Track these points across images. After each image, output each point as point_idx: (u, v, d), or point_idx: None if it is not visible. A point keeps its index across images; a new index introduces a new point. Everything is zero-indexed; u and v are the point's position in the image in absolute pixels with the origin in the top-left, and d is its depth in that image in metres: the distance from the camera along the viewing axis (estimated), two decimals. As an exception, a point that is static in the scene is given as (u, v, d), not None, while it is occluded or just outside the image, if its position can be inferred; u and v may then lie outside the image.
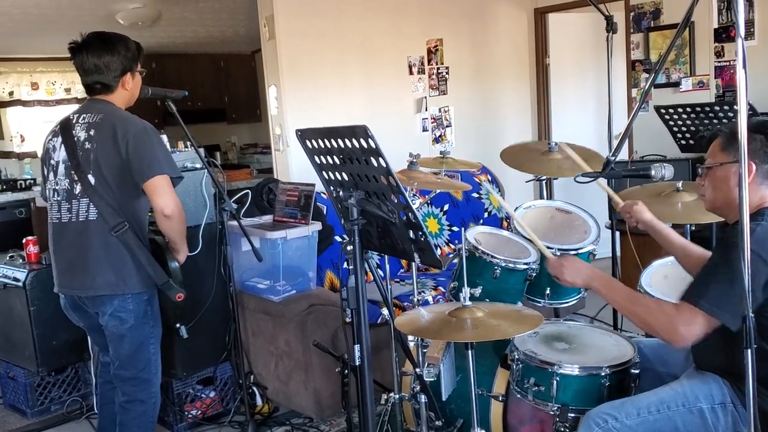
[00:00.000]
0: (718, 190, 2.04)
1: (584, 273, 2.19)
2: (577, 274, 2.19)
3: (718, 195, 2.04)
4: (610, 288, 2.14)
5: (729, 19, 4.93)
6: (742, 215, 1.66)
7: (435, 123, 5.57)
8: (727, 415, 1.97)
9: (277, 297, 3.41)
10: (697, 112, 3.42)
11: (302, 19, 4.80)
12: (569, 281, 2.21)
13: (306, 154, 2.09)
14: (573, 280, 2.19)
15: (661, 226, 2.52)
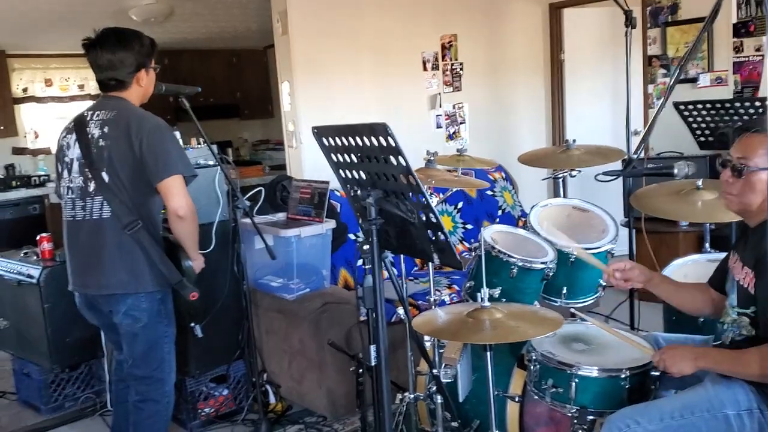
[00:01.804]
0: (757, 194, 1.95)
1: (688, 359, 2.04)
2: (682, 363, 2.05)
3: (756, 199, 1.96)
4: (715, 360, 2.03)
5: (748, 14, 4.87)
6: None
7: (449, 120, 5.53)
8: (753, 421, 1.92)
9: (291, 295, 3.39)
10: (717, 108, 3.37)
11: (315, 14, 4.77)
12: (675, 371, 2.05)
13: (322, 152, 2.06)
14: (680, 369, 2.04)
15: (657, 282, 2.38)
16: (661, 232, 4.43)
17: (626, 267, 2.34)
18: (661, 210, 2.90)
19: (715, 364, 2.01)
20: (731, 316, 2.07)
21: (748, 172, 1.94)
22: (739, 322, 2.03)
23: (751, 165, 1.94)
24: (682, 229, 4.56)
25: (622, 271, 2.33)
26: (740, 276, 2.02)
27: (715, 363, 2.02)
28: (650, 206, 2.94)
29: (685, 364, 2.03)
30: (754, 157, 1.94)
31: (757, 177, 1.93)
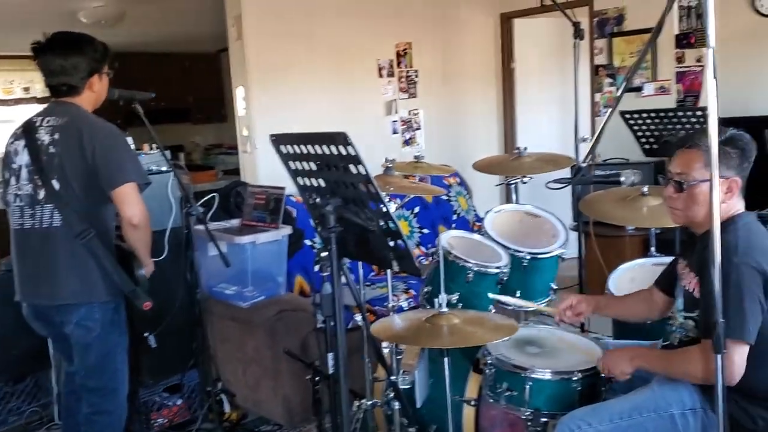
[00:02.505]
0: (702, 206, 2.00)
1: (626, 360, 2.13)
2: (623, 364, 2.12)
3: (701, 210, 2.01)
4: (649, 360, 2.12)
5: (689, 26, 5.05)
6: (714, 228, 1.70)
7: (405, 126, 5.57)
8: (697, 420, 2.00)
9: (246, 303, 3.36)
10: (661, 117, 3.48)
11: (271, 19, 4.76)
12: (619, 374, 2.13)
13: (280, 160, 2.06)
14: (622, 370, 2.12)
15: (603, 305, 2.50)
16: (608, 237, 4.54)
17: (573, 303, 2.44)
18: (608, 215, 2.99)
19: (649, 363, 2.10)
20: (679, 320, 2.15)
21: (689, 187, 2.01)
22: (686, 326, 2.11)
23: (690, 179, 2.01)
24: (628, 233, 4.69)
25: (572, 308, 2.44)
26: (687, 281, 2.10)
27: (649, 362, 2.11)
28: (598, 211, 3.03)
29: (624, 365, 2.12)
30: (692, 172, 2.00)
31: (698, 189, 1.99)
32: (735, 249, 1.89)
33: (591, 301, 2.46)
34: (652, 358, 2.12)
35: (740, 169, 2.00)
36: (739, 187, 2.00)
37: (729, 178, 1.98)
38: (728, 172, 1.97)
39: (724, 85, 4.82)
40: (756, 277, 1.87)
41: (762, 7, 4.68)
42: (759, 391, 1.95)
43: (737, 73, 4.67)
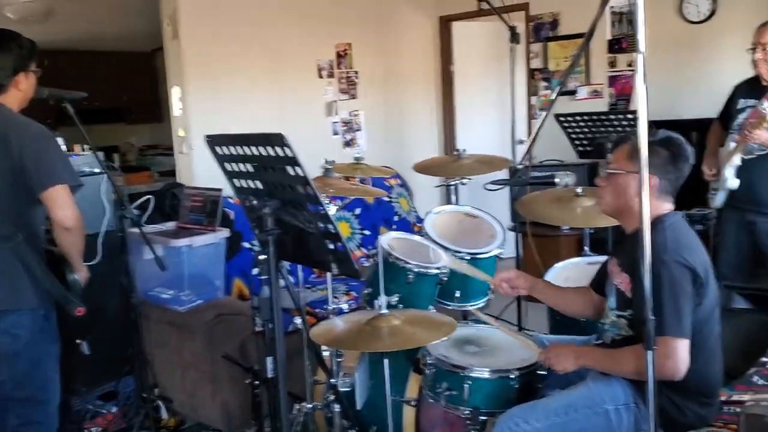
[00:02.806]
0: (619, 197, 2.13)
1: (571, 357, 2.17)
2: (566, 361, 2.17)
3: (617, 201, 2.14)
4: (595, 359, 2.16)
5: (621, 32, 5.20)
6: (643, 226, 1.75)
7: (346, 127, 5.57)
8: (630, 415, 2.06)
9: (183, 307, 3.30)
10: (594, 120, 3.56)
11: (208, 19, 4.68)
12: (560, 369, 2.17)
13: (216, 161, 2.03)
14: (564, 367, 2.16)
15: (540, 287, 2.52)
16: (544, 236, 4.64)
17: (512, 276, 2.48)
18: (544, 215, 3.06)
19: (594, 362, 2.15)
20: (611, 318, 2.21)
21: (612, 175, 2.13)
22: (618, 324, 2.17)
23: (613, 168, 2.13)
24: (563, 233, 4.79)
25: (508, 281, 2.47)
26: (618, 280, 2.17)
27: (594, 361, 2.15)
28: (534, 212, 3.10)
29: (568, 362, 2.16)
30: (617, 162, 2.13)
31: (619, 179, 2.11)
32: (664, 247, 1.96)
33: (529, 280, 2.48)
34: (598, 358, 2.15)
35: (664, 171, 2.06)
36: (657, 187, 2.06)
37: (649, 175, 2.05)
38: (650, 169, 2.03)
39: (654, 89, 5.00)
40: (686, 273, 1.94)
41: (689, 15, 4.87)
42: (688, 384, 2.01)
43: (666, 77, 4.84)
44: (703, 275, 1.98)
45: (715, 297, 2.05)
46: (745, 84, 3.57)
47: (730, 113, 3.57)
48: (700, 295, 1.98)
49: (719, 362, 2.12)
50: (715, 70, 4.75)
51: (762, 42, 3.32)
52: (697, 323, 1.98)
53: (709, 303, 2.01)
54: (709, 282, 2.00)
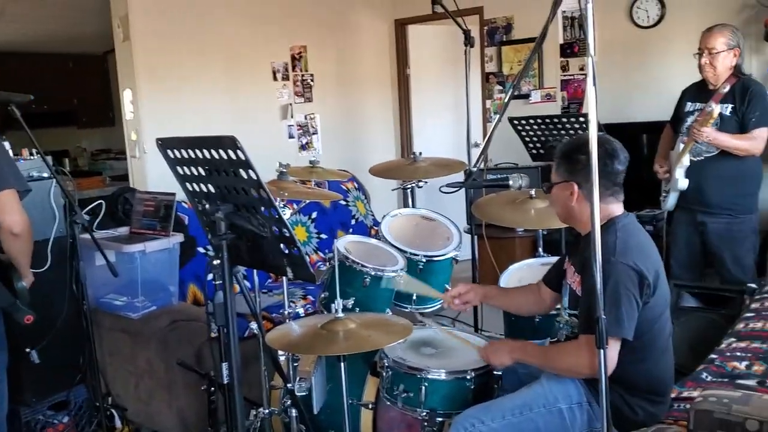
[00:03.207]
0: (558, 207, 2.20)
1: (505, 351, 2.22)
2: (502, 355, 2.22)
3: (559, 211, 2.21)
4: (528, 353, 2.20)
5: (573, 36, 5.30)
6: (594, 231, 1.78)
7: (301, 130, 5.54)
8: (583, 413, 2.09)
9: (136, 314, 3.24)
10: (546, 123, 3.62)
11: (160, 20, 4.61)
12: (497, 363, 2.24)
13: (168, 165, 2.00)
14: (501, 361, 2.22)
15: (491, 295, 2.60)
16: (500, 238, 4.69)
17: (462, 291, 2.53)
18: (499, 218, 3.09)
19: (527, 357, 2.20)
20: (564, 316, 2.25)
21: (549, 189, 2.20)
22: (571, 323, 2.21)
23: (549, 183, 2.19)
24: (518, 234, 4.86)
25: (459, 296, 2.52)
26: (571, 280, 2.20)
27: (527, 355, 2.20)
28: (490, 214, 3.12)
29: (503, 356, 2.22)
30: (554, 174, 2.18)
31: (552, 191, 2.18)
32: (613, 249, 2.00)
33: (479, 291, 2.55)
34: (531, 352, 2.21)
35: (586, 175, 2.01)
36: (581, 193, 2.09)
37: (569, 182, 2.09)
38: (570, 177, 2.09)
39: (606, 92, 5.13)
40: (632, 275, 1.98)
41: (639, 19, 4.98)
42: (639, 383, 2.06)
43: (617, 81, 4.95)
44: (652, 277, 2.01)
45: (665, 297, 2.09)
46: (693, 87, 3.67)
47: (679, 116, 3.66)
48: (647, 296, 2.01)
49: (670, 361, 2.16)
50: (664, 73, 4.87)
51: (708, 47, 3.41)
52: (646, 323, 2.02)
53: (658, 303, 2.05)
54: (659, 283, 2.04)
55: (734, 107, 3.41)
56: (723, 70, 3.42)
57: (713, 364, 2.58)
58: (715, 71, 3.43)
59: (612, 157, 2.07)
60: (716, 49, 3.39)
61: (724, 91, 3.42)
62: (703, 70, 3.47)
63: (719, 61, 3.40)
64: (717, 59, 3.40)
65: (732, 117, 3.41)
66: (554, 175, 2.17)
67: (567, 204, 2.13)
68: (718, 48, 3.39)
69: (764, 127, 3.38)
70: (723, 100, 3.42)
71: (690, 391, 2.36)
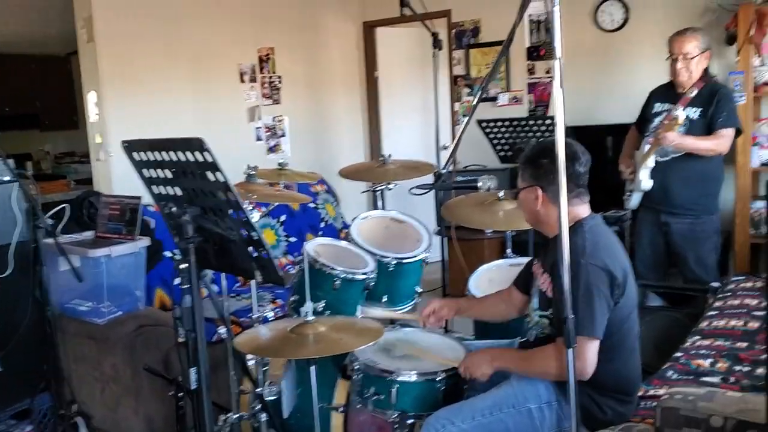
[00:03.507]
0: (525, 211, 2.23)
1: (486, 361, 2.21)
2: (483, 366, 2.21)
3: (526, 216, 2.24)
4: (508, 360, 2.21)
5: (539, 39, 5.35)
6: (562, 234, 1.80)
7: (269, 132, 5.51)
8: (552, 413, 2.11)
9: (102, 319, 3.19)
10: (514, 125, 3.65)
11: (126, 21, 4.55)
12: (479, 375, 2.21)
13: (133, 167, 1.97)
14: (483, 372, 2.21)
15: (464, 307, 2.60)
16: (469, 240, 4.72)
17: (435, 308, 2.54)
18: (468, 219, 3.11)
19: (509, 364, 2.21)
20: (534, 318, 2.26)
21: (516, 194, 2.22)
22: (541, 323, 2.23)
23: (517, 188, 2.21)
24: (487, 236, 4.89)
25: (433, 313, 2.53)
26: (541, 281, 2.22)
27: (509, 363, 2.21)
28: (459, 216, 3.14)
29: (485, 367, 2.21)
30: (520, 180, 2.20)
31: (520, 197, 2.20)
32: (582, 250, 2.02)
33: (452, 305, 2.56)
34: (511, 359, 2.22)
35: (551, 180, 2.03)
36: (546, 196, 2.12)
37: (534, 186, 2.12)
38: (535, 182, 2.12)
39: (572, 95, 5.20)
40: (602, 275, 2.00)
41: (603, 23, 5.05)
42: (608, 383, 2.09)
43: (583, 84, 5.01)
44: (621, 277, 2.04)
45: (634, 297, 2.12)
46: (661, 89, 3.73)
47: (646, 117, 3.71)
48: (617, 296, 2.04)
49: (637, 360, 2.19)
50: (628, 76, 4.95)
51: (682, 52, 3.46)
52: (616, 323, 2.05)
53: (627, 303, 2.08)
54: (628, 283, 2.07)
55: (703, 110, 3.47)
56: (697, 73, 3.49)
57: (678, 362, 2.63)
58: (690, 75, 3.49)
59: (573, 160, 2.08)
60: (691, 54, 3.45)
61: (692, 95, 3.49)
62: (678, 75, 3.52)
63: (694, 65, 3.47)
64: (692, 63, 3.46)
65: (701, 120, 3.48)
66: (520, 180, 2.19)
67: (533, 208, 2.16)
68: (693, 52, 3.45)
69: (730, 128, 3.46)
70: (691, 104, 3.49)
71: (656, 389, 2.40)
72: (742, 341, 2.71)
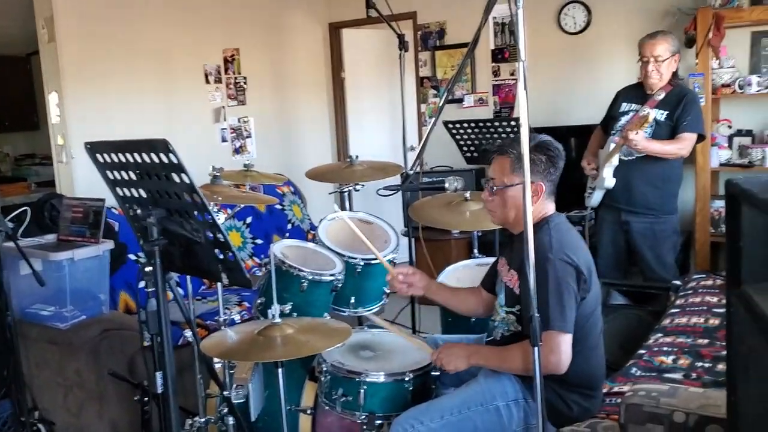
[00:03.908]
0: (511, 208, 2.19)
1: (463, 357, 2.21)
2: (457, 360, 2.20)
3: (511, 212, 2.19)
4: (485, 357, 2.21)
5: (504, 42, 5.40)
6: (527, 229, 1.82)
7: (235, 133, 5.47)
8: (519, 410, 2.13)
9: (65, 324, 3.13)
10: (480, 127, 3.68)
11: (88, 21, 4.48)
12: (451, 368, 2.21)
13: (97, 169, 1.94)
14: (456, 366, 2.20)
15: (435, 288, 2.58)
16: (436, 240, 4.75)
17: (409, 272, 2.52)
18: (435, 220, 3.12)
19: (484, 360, 2.21)
20: (500, 314, 2.28)
21: (499, 190, 2.19)
22: (507, 320, 2.25)
23: (500, 183, 2.19)
24: (454, 236, 4.93)
25: (405, 275, 2.50)
26: (507, 278, 2.24)
27: (485, 359, 2.21)
28: (426, 217, 3.15)
29: (459, 361, 2.21)
30: (502, 177, 2.19)
31: (508, 193, 2.17)
32: (549, 246, 2.05)
33: (425, 279, 2.52)
34: (487, 356, 2.22)
35: (546, 174, 2.17)
36: (544, 191, 2.17)
37: (535, 183, 2.14)
38: (534, 177, 2.14)
39: (536, 97, 5.27)
40: (570, 270, 2.03)
41: (566, 26, 5.11)
42: (573, 378, 2.11)
43: (547, 85, 5.07)
44: (587, 273, 2.08)
45: (597, 294, 2.16)
46: (629, 89, 3.79)
47: (613, 116, 3.77)
48: (584, 291, 2.07)
49: (601, 356, 2.23)
50: (591, 78, 5.02)
51: (654, 55, 3.52)
52: (581, 318, 2.08)
53: (591, 299, 2.12)
54: (592, 279, 2.11)
55: (669, 113, 3.54)
56: (667, 76, 3.56)
57: (642, 359, 2.67)
58: (661, 78, 3.55)
59: (558, 158, 2.17)
60: (662, 57, 3.52)
61: (659, 97, 3.55)
62: (649, 78, 3.57)
63: (664, 67, 3.53)
64: (662, 66, 3.53)
65: (667, 122, 3.55)
66: (510, 175, 2.15)
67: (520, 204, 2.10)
68: (664, 55, 3.52)
69: (693, 133, 3.53)
70: (659, 106, 3.56)
71: (620, 385, 2.44)
72: (703, 338, 2.77)
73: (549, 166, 2.16)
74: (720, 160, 4.38)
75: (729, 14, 4.07)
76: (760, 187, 1.28)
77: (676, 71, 3.60)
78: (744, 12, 4.06)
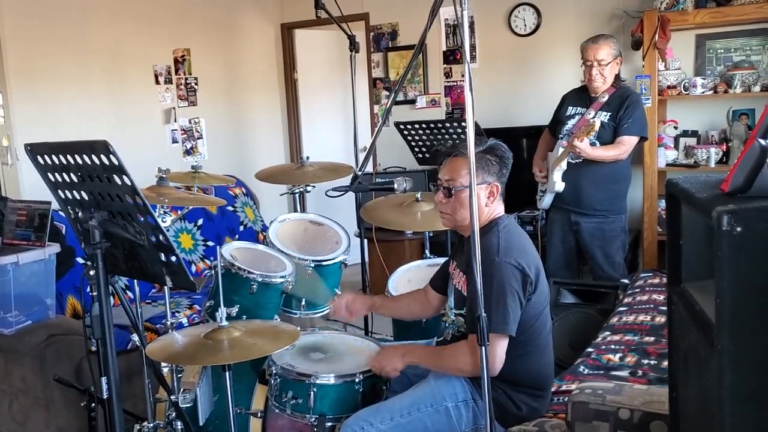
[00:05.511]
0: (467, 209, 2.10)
1: (397, 356, 2.23)
2: (395, 361, 2.22)
3: (466, 213, 2.13)
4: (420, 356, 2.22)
5: (455, 43, 5.45)
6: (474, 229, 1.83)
7: (185, 135, 5.39)
8: (468, 410, 2.15)
9: (9, 329, 3.05)
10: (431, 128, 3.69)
11: (34, 19, 4.37)
12: (390, 370, 2.22)
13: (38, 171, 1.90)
14: (394, 366, 2.22)
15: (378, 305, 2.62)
16: (389, 241, 4.76)
17: (349, 301, 2.54)
18: (387, 221, 3.13)
19: (419, 359, 2.23)
20: (450, 316, 2.30)
21: (456, 192, 2.17)
22: (457, 322, 2.27)
23: (457, 185, 2.17)
24: (407, 237, 4.94)
25: (346, 306, 2.52)
26: (457, 280, 2.26)
27: (419, 358, 2.23)
28: (378, 218, 3.16)
29: (396, 361, 2.23)
30: (458, 178, 2.17)
31: (464, 194, 2.14)
32: (497, 249, 2.07)
33: (366, 301, 2.57)
34: (422, 355, 2.24)
35: (500, 175, 2.19)
36: (499, 192, 2.19)
37: (490, 184, 2.16)
38: (489, 178, 2.15)
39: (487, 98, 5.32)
40: (516, 273, 2.05)
41: (517, 28, 5.17)
42: (521, 378, 2.14)
43: (498, 87, 5.12)
44: (533, 275, 2.10)
45: (545, 295, 2.18)
46: (574, 93, 3.86)
47: (560, 119, 3.82)
48: (529, 293, 2.09)
49: (550, 356, 2.26)
50: (541, 79, 5.09)
51: (597, 59, 3.58)
52: (528, 319, 2.10)
53: (539, 300, 2.14)
54: (540, 281, 2.13)
55: (612, 115, 3.61)
56: (610, 78, 3.63)
57: (590, 357, 2.71)
58: (604, 80, 3.62)
59: (509, 161, 2.19)
60: (605, 60, 3.58)
61: (603, 100, 3.62)
62: (593, 81, 3.63)
63: (608, 70, 3.60)
64: (606, 69, 3.59)
65: (610, 124, 3.61)
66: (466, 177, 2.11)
67: (480, 205, 2.12)
68: (607, 59, 3.58)
69: (633, 136, 3.60)
70: (603, 108, 3.63)
71: (569, 384, 2.47)
72: (649, 335, 2.82)
73: (501, 167, 2.18)
74: (667, 161, 4.48)
75: (674, 17, 4.17)
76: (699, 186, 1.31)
77: (618, 74, 3.68)
78: (689, 15, 4.16)
